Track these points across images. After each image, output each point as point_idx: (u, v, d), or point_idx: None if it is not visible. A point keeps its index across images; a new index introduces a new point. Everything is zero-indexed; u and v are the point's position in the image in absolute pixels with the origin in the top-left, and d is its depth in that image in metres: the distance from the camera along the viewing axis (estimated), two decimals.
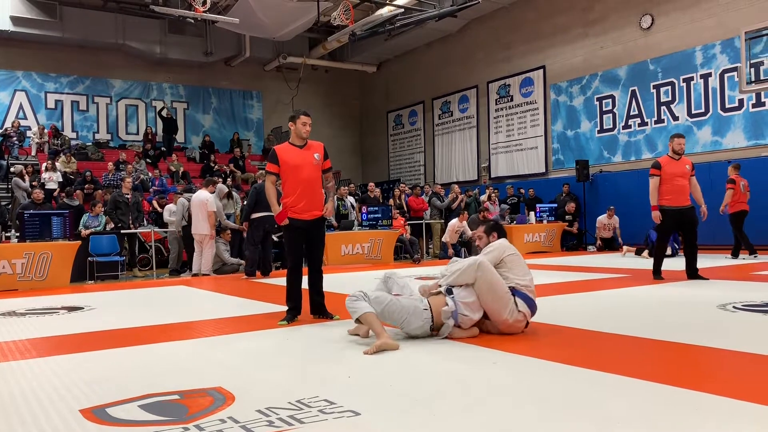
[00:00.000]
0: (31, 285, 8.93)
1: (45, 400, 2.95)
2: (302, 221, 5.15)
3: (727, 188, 10.35)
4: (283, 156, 5.17)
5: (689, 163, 7.49)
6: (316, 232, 5.28)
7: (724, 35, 12.86)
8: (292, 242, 5.26)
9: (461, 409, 2.63)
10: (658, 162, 7.46)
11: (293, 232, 5.19)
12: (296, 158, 5.18)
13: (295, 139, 5.28)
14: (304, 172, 5.16)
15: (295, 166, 5.15)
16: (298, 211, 5.14)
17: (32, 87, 18.18)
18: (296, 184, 5.14)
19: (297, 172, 5.15)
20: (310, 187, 5.18)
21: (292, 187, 5.15)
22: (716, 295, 5.89)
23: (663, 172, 7.31)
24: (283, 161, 5.16)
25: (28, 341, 4.62)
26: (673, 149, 7.45)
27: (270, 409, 2.68)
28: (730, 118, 12.92)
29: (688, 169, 7.40)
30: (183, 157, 18.92)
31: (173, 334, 4.80)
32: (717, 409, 2.56)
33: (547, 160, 16.90)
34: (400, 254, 13.38)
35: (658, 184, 7.33)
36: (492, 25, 18.19)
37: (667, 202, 7.30)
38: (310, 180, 5.18)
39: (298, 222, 5.14)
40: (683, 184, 7.35)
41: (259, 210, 9.49)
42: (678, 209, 7.31)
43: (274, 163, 5.19)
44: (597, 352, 3.73)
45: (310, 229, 5.22)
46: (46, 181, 14.23)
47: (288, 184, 5.18)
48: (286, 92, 21.20)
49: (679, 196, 7.33)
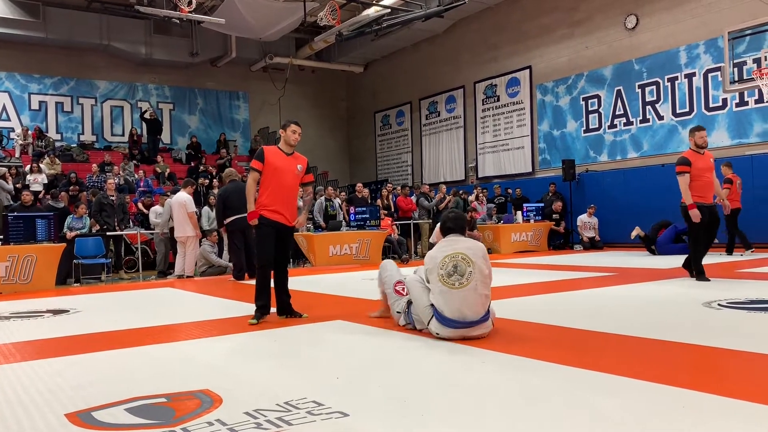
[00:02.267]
0: (16, 288, 8.84)
1: (30, 405, 2.92)
2: (274, 222, 5.22)
3: (724, 187, 10.36)
4: (269, 156, 5.25)
5: (712, 157, 7.12)
6: (285, 236, 5.36)
7: (707, 35, 12.98)
8: (262, 240, 5.27)
9: (450, 410, 2.63)
10: (685, 158, 6.95)
11: (264, 230, 5.22)
12: (281, 162, 5.27)
13: (284, 145, 5.36)
14: (285, 177, 5.26)
15: (278, 168, 5.23)
16: (271, 211, 5.20)
17: (15, 88, 18.00)
18: (275, 186, 5.23)
19: (279, 175, 5.23)
20: (287, 194, 5.29)
21: (271, 189, 5.23)
22: (701, 293, 5.94)
23: (693, 167, 6.86)
24: (268, 161, 5.22)
25: (12, 345, 4.57)
26: (695, 143, 7.00)
27: (258, 411, 2.66)
28: (714, 118, 13.05)
29: (713, 163, 7.04)
30: (169, 159, 18.80)
31: (159, 336, 4.76)
32: (703, 406, 2.57)
33: (533, 160, 16.97)
34: (388, 254, 13.37)
35: (689, 181, 6.86)
36: (478, 26, 18.24)
37: (698, 199, 6.90)
38: (288, 186, 5.29)
39: (270, 221, 5.20)
40: (711, 180, 6.98)
41: (229, 214, 9.38)
42: (708, 206, 6.95)
43: (259, 161, 5.24)
44: (584, 351, 3.74)
45: (280, 232, 5.30)
46: (31, 183, 14.09)
47: (268, 186, 5.25)
48: (273, 93, 21.14)
49: (708, 192, 6.97)
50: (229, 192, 9.48)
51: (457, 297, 3.98)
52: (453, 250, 4.10)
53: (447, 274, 4.02)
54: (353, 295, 7.03)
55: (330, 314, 5.46)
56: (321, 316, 5.39)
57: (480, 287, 4.02)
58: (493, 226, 14.43)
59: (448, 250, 4.11)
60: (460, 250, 4.09)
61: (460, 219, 4.40)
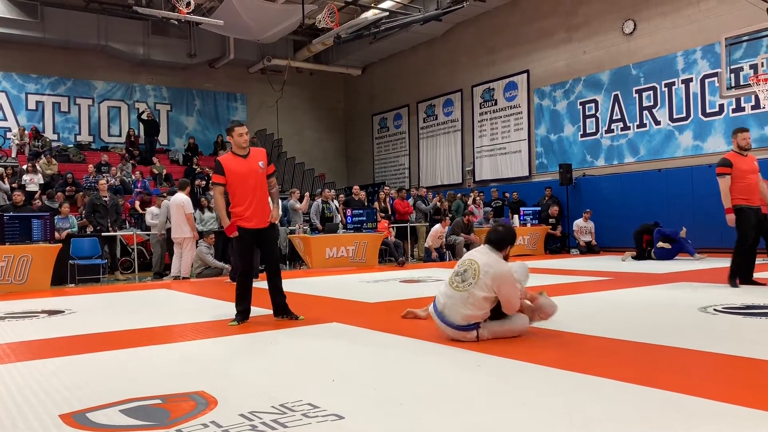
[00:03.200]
0: (11, 288, 8.80)
1: (24, 405, 2.91)
2: (251, 230, 5.25)
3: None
4: (228, 165, 5.21)
5: (756, 159, 6.87)
6: (266, 235, 5.35)
7: (704, 41, 13.03)
8: (241, 249, 5.34)
9: (445, 413, 2.63)
10: (727, 159, 6.73)
11: (242, 240, 5.27)
12: (240, 167, 5.22)
13: (237, 149, 5.30)
14: (250, 180, 5.22)
15: (239, 174, 5.20)
16: (246, 219, 5.21)
17: (12, 88, 17.96)
18: (244, 193, 5.20)
19: (242, 180, 5.21)
20: (256, 196, 5.25)
21: (240, 197, 5.21)
22: (697, 298, 5.95)
23: (734, 169, 6.65)
24: (228, 171, 5.20)
25: (7, 345, 4.55)
26: (738, 145, 6.79)
27: (253, 413, 2.66)
28: (711, 123, 13.09)
29: (757, 166, 6.79)
30: (166, 160, 18.78)
31: (155, 337, 4.75)
32: (698, 410, 2.58)
33: (530, 164, 16.99)
34: (384, 257, 13.38)
35: (729, 183, 6.62)
36: (476, 30, 18.28)
37: (743, 201, 6.63)
38: (256, 188, 5.25)
39: (247, 231, 5.23)
40: (755, 182, 6.72)
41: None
42: (754, 209, 6.68)
43: (219, 174, 5.22)
44: (579, 355, 3.75)
45: (260, 237, 5.32)
46: (27, 183, 14.06)
47: (235, 194, 5.23)
48: (271, 94, 21.14)
49: (753, 194, 6.68)
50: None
51: (448, 294, 4.15)
52: (475, 258, 4.19)
53: (455, 273, 4.20)
54: (349, 297, 7.03)
55: (326, 316, 5.46)
56: (317, 318, 5.38)
57: (468, 302, 4.03)
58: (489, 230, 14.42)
59: (472, 256, 4.27)
60: (479, 261, 4.12)
61: (502, 236, 4.31)
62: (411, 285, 8.28)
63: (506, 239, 4.30)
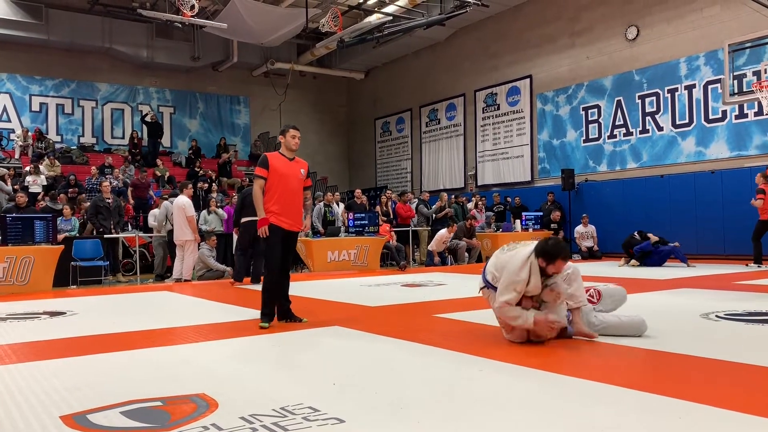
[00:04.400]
0: (13, 289, 8.81)
1: (24, 406, 2.91)
2: (283, 229, 5.30)
3: (758, 198, 10.31)
4: (273, 163, 5.31)
5: None
6: (291, 243, 5.46)
7: (707, 47, 13.03)
8: (272, 247, 5.30)
9: (446, 417, 2.62)
10: None
11: (273, 238, 5.27)
12: (285, 168, 5.34)
13: (285, 150, 5.43)
14: (290, 182, 5.33)
15: (283, 174, 5.30)
16: (281, 218, 5.28)
17: (17, 89, 18.01)
18: (282, 192, 5.29)
19: (284, 181, 5.30)
20: (293, 199, 5.37)
21: (277, 195, 5.28)
22: (699, 304, 5.93)
23: None
24: (273, 168, 5.28)
25: (8, 346, 4.55)
26: None
27: (253, 416, 2.66)
28: (714, 129, 13.08)
29: None
30: (169, 162, 18.81)
31: (156, 339, 4.75)
32: (700, 417, 2.57)
33: (533, 169, 16.99)
34: (386, 261, 13.37)
35: None
36: (479, 35, 18.30)
37: None
38: (294, 191, 5.38)
39: (279, 229, 5.27)
40: None
41: (245, 215, 9.45)
42: None
43: (264, 168, 5.29)
44: (581, 360, 3.74)
45: (286, 239, 5.36)
46: (30, 185, 14.08)
47: (273, 192, 5.29)
48: (274, 98, 21.18)
49: None
50: (249, 193, 9.50)
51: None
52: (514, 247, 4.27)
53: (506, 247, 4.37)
54: (351, 301, 7.02)
55: (327, 320, 5.46)
56: (318, 321, 5.38)
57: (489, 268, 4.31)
58: (491, 234, 14.44)
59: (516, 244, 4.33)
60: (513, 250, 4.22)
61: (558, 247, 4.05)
62: (412, 289, 8.27)
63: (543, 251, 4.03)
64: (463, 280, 9.20)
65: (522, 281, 4.04)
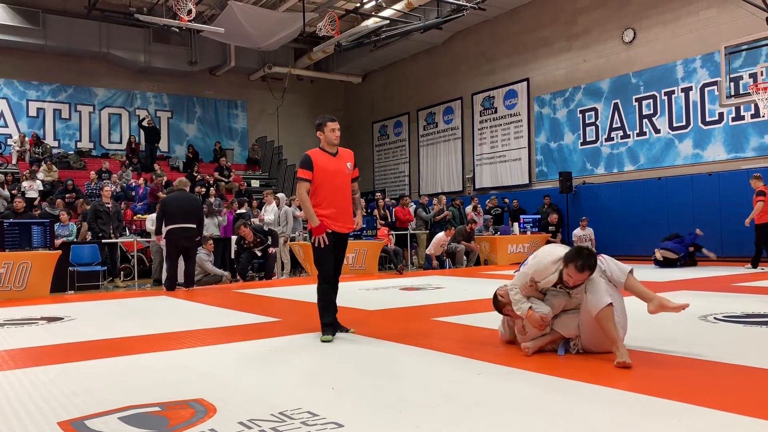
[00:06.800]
0: (10, 295, 8.78)
1: (22, 412, 2.90)
2: (336, 233, 4.86)
3: (758, 200, 10.28)
4: (317, 161, 4.80)
5: None
6: (343, 246, 5.02)
7: (704, 50, 13.07)
8: (325, 254, 4.85)
9: (446, 421, 2.62)
10: None
11: (328, 246, 4.83)
12: (330, 165, 4.84)
13: (327, 145, 4.92)
14: (337, 179, 4.86)
15: (329, 172, 4.81)
16: (332, 221, 4.83)
17: (14, 95, 18.00)
18: (329, 192, 4.81)
19: (331, 179, 4.81)
20: (344, 198, 4.90)
21: (325, 196, 4.81)
22: (697, 307, 5.93)
23: None
24: (318, 167, 4.78)
25: (5, 352, 4.54)
26: None
27: (252, 421, 2.65)
28: (711, 131, 13.11)
29: None
30: (167, 167, 18.80)
31: (154, 345, 4.74)
32: (700, 419, 2.57)
33: (530, 172, 17.01)
34: (384, 265, 13.36)
35: None
36: (476, 38, 18.34)
37: None
38: (343, 189, 4.89)
39: (333, 234, 4.84)
40: None
41: (168, 222, 9.12)
42: None
43: (308, 170, 4.77)
44: (580, 364, 3.74)
45: (339, 243, 4.94)
46: (27, 190, 14.06)
47: (322, 193, 4.81)
48: (271, 102, 21.20)
49: None
50: (171, 200, 9.37)
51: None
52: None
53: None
54: (349, 305, 7.01)
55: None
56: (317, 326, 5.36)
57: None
58: (489, 237, 14.44)
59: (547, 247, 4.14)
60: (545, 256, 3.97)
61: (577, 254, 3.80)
62: (411, 293, 8.27)
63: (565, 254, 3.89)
64: (462, 284, 9.19)
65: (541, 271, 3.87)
